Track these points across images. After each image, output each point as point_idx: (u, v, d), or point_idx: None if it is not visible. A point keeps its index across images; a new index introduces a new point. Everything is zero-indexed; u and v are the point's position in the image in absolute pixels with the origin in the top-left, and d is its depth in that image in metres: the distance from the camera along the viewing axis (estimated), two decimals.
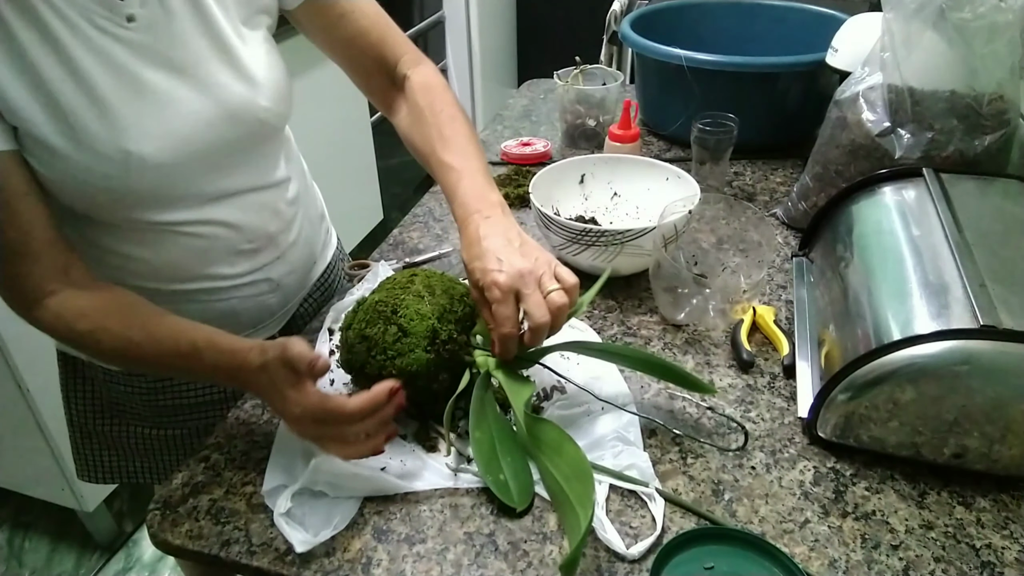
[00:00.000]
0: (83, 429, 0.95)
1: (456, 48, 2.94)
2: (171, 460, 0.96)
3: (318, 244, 0.98)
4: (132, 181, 0.68)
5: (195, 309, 0.82)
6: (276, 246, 0.86)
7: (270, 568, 0.60)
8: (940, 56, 0.84)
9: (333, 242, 1.05)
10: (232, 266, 0.82)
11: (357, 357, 0.69)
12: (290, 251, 0.89)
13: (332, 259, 1.03)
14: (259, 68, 0.76)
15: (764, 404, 0.75)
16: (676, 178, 0.98)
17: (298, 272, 0.92)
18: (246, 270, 0.83)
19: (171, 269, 0.78)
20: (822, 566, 0.59)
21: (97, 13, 0.64)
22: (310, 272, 0.97)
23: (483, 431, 0.67)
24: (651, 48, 1.24)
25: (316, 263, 0.98)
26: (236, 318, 0.86)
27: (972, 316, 0.61)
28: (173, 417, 0.91)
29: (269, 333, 0.92)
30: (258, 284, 0.86)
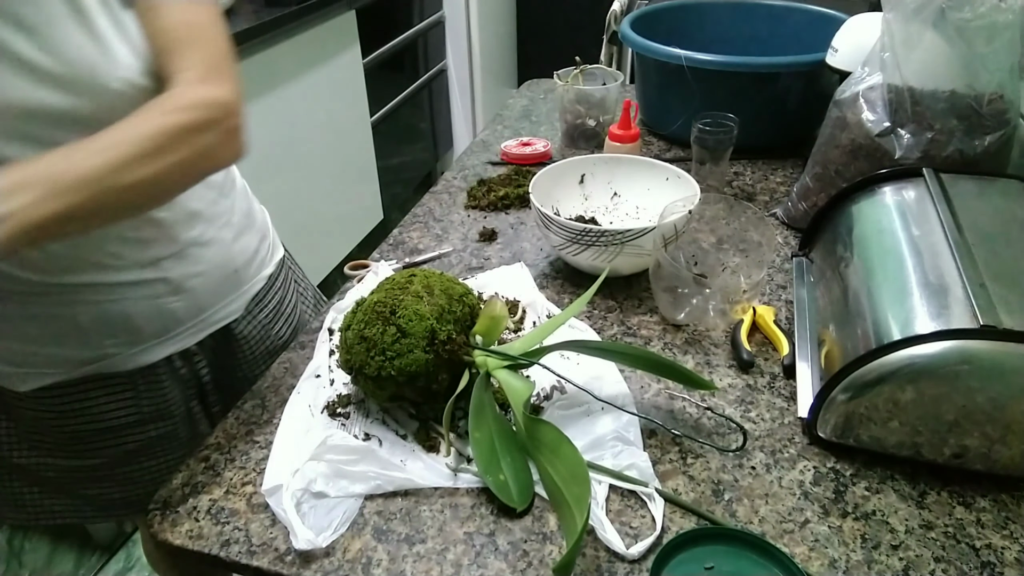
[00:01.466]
0: (2, 462, 0.89)
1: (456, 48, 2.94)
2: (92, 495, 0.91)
3: (243, 253, 0.89)
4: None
5: (85, 311, 0.76)
6: (171, 240, 0.78)
7: (270, 568, 0.60)
8: (940, 56, 0.84)
9: (276, 257, 0.98)
10: (116, 257, 0.75)
11: (356, 357, 0.69)
12: (196, 248, 0.81)
13: (275, 275, 0.97)
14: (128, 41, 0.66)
15: (764, 404, 0.75)
16: (676, 178, 0.98)
17: (211, 277, 0.84)
18: (133, 263, 0.76)
19: (45, 259, 0.71)
20: (822, 566, 0.59)
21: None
22: (233, 280, 0.88)
23: (483, 431, 0.67)
24: (651, 48, 1.24)
25: (240, 271, 0.89)
26: (132, 323, 0.79)
27: (972, 316, 0.61)
28: (88, 444, 0.86)
29: (182, 345, 0.85)
30: (153, 284, 0.79)
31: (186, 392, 0.90)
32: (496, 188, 1.17)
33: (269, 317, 0.96)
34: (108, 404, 0.84)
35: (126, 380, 0.84)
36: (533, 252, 1.03)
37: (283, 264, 1.01)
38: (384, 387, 0.69)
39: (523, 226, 1.09)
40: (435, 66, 2.87)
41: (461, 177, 1.25)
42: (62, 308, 0.75)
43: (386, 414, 0.74)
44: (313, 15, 1.97)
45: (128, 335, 0.80)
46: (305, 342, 0.87)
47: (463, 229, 1.09)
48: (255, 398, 0.79)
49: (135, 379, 0.84)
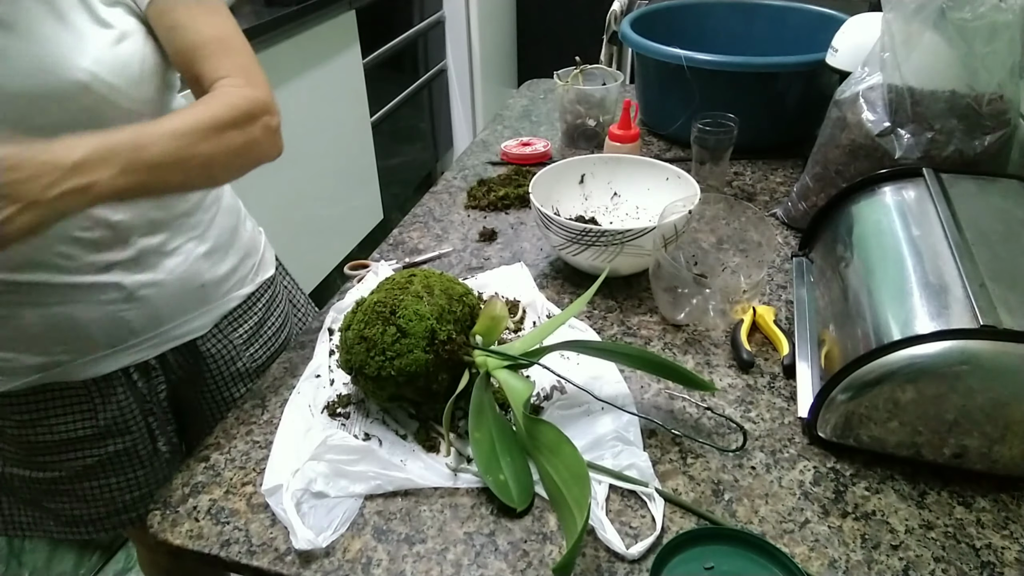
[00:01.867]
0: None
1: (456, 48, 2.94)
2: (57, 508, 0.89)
3: (215, 270, 0.87)
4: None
5: (34, 314, 0.75)
6: (125, 244, 0.77)
7: (270, 568, 0.60)
8: (940, 56, 0.84)
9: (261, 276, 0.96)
10: (67, 258, 0.73)
11: (356, 357, 0.69)
12: (156, 257, 0.80)
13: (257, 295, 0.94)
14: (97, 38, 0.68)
15: (764, 404, 0.75)
16: (676, 178, 0.98)
17: (169, 289, 0.82)
18: (86, 264, 0.75)
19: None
20: (822, 566, 0.59)
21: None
22: (198, 295, 0.86)
23: (483, 431, 0.67)
24: (651, 48, 1.24)
25: (208, 287, 0.87)
26: (84, 329, 0.78)
27: (972, 316, 0.61)
28: (47, 456, 0.84)
29: (139, 357, 0.84)
30: (104, 289, 0.77)
31: (144, 407, 0.88)
32: (496, 188, 1.17)
33: (243, 338, 0.93)
34: (65, 415, 0.83)
35: (82, 390, 0.83)
36: (533, 252, 1.03)
37: (269, 285, 0.98)
38: (384, 387, 0.69)
39: (523, 226, 1.09)
40: (435, 66, 2.87)
41: (461, 177, 1.25)
42: (11, 309, 0.75)
43: (386, 414, 0.74)
44: (313, 15, 1.97)
45: (78, 342, 0.79)
46: (305, 342, 0.87)
47: (463, 229, 1.09)
48: (255, 398, 0.79)
49: (91, 390, 0.83)
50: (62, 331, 0.78)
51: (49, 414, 0.83)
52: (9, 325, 0.76)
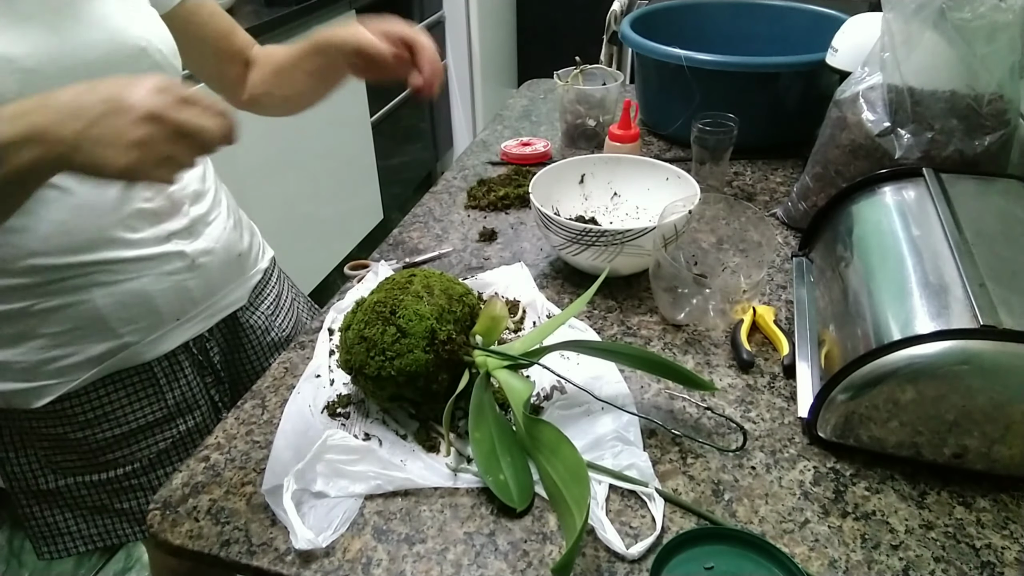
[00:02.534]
0: (27, 493, 0.87)
1: (456, 48, 2.94)
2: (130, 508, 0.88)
3: (242, 240, 0.93)
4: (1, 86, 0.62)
5: (104, 294, 0.76)
6: (182, 213, 0.81)
7: (270, 568, 0.60)
8: (940, 56, 0.84)
9: (267, 255, 1.02)
10: (133, 231, 0.76)
11: (356, 358, 0.69)
12: (203, 226, 0.84)
13: (270, 270, 1.00)
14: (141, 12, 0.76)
15: (764, 404, 0.75)
16: (676, 178, 0.98)
17: (219, 257, 0.87)
18: (150, 236, 0.77)
19: (61, 235, 0.71)
20: (822, 566, 0.59)
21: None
22: (237, 265, 0.91)
23: (483, 431, 0.67)
24: (651, 48, 1.24)
25: (243, 257, 0.93)
26: (152, 303, 0.80)
27: (972, 316, 0.61)
28: (116, 451, 0.84)
29: (197, 330, 0.86)
30: (170, 258, 0.80)
31: (206, 380, 0.91)
32: (496, 188, 1.17)
33: (271, 308, 0.98)
34: (132, 403, 0.83)
35: (147, 373, 0.84)
36: (533, 252, 1.03)
37: (274, 262, 1.04)
38: (384, 387, 0.69)
39: (523, 226, 1.09)
40: None
41: (461, 177, 1.25)
42: (80, 294, 0.75)
43: (386, 414, 0.74)
44: (313, 15, 1.97)
45: (148, 318, 0.80)
46: (305, 342, 0.87)
47: (463, 229, 1.09)
48: (255, 398, 0.79)
49: (155, 371, 0.84)
50: (132, 309, 0.79)
51: (115, 406, 0.83)
52: (79, 312, 0.76)
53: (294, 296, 1.07)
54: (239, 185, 0.86)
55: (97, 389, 0.81)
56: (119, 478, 0.86)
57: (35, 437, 0.84)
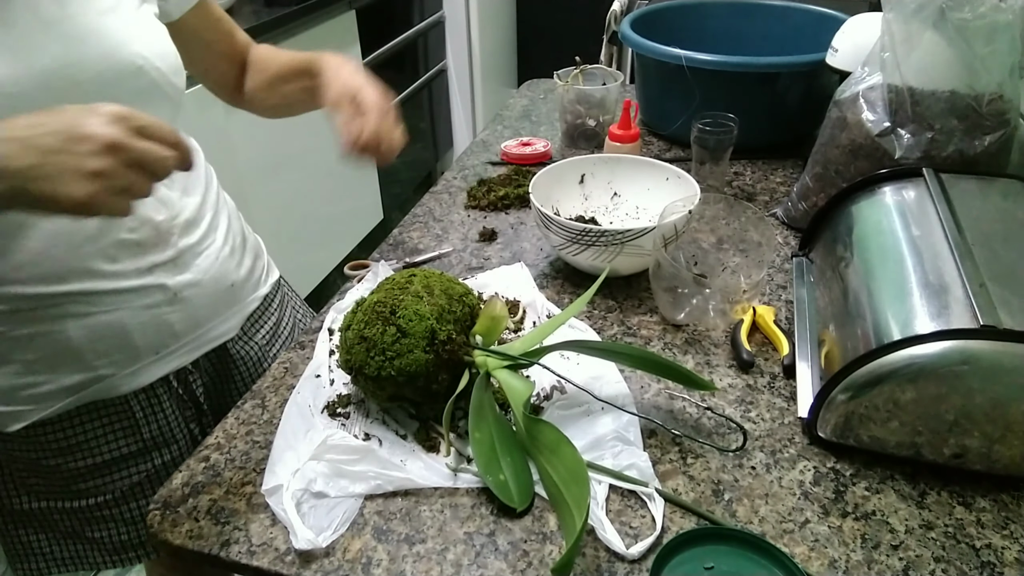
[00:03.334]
0: (3, 511, 0.85)
1: (456, 48, 2.94)
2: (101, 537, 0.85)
3: (239, 268, 0.89)
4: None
5: (77, 326, 0.73)
6: (167, 244, 0.77)
7: (270, 568, 0.60)
8: (940, 56, 0.84)
9: (271, 278, 0.98)
10: (112, 261, 0.73)
11: (356, 357, 0.69)
12: (191, 257, 0.80)
13: (271, 296, 0.96)
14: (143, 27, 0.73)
15: (764, 404, 0.75)
16: (676, 178, 0.98)
17: (207, 289, 0.83)
18: (130, 268, 0.74)
19: (34, 265, 0.68)
20: (822, 566, 0.59)
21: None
22: (228, 295, 0.87)
23: (483, 431, 0.67)
24: (651, 48, 1.24)
25: (237, 287, 0.88)
26: (128, 337, 0.77)
27: (972, 316, 0.61)
28: (89, 481, 0.82)
29: (178, 363, 0.83)
30: (150, 291, 0.76)
31: (185, 413, 0.87)
32: (496, 188, 1.17)
33: (266, 338, 0.94)
34: (107, 435, 0.81)
35: (123, 405, 0.81)
36: (533, 252, 1.03)
37: (279, 286, 1.00)
38: (384, 387, 0.69)
39: (523, 226, 1.09)
40: (435, 66, 2.87)
41: (461, 177, 1.25)
42: (52, 324, 0.73)
43: (386, 414, 0.74)
44: (313, 15, 1.97)
45: (124, 352, 0.78)
46: (305, 342, 0.87)
47: (463, 229, 1.09)
48: (255, 398, 0.79)
49: (132, 404, 0.81)
50: (107, 342, 0.76)
51: (89, 436, 0.80)
52: (51, 342, 0.73)
53: (297, 319, 1.03)
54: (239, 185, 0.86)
55: (72, 418, 0.79)
56: (91, 507, 0.84)
57: (10, 459, 0.82)
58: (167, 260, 0.78)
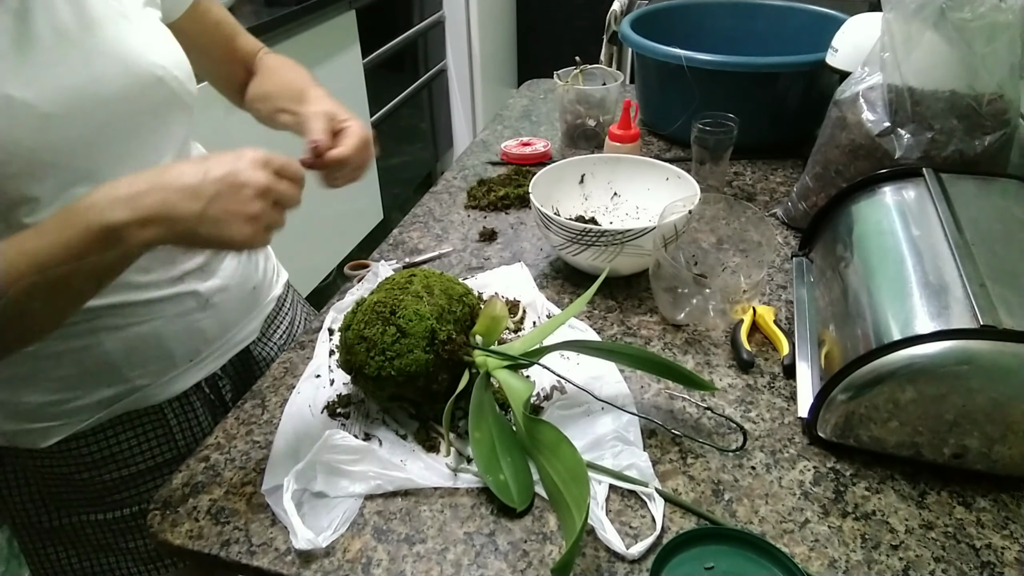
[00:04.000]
0: (31, 529, 0.84)
1: (456, 48, 2.94)
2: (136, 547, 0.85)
3: (258, 270, 0.92)
4: (17, 133, 0.61)
5: (114, 338, 0.74)
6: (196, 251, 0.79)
7: (270, 568, 0.60)
8: (940, 56, 0.84)
9: (282, 279, 0.99)
10: (145, 272, 0.74)
11: (356, 358, 0.69)
12: (217, 263, 0.82)
13: (284, 296, 0.98)
14: (156, 35, 0.73)
15: (764, 404, 0.75)
16: (676, 178, 0.98)
17: (233, 293, 0.85)
18: (163, 278, 0.76)
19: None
20: (822, 566, 0.59)
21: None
22: (252, 298, 0.89)
23: (483, 431, 0.67)
24: (651, 48, 1.24)
25: (258, 289, 0.91)
26: (164, 345, 0.78)
27: (972, 316, 0.61)
28: (123, 492, 0.82)
29: (210, 369, 0.84)
30: (183, 299, 0.78)
31: (216, 418, 0.86)
32: (496, 188, 1.17)
33: (283, 339, 0.96)
34: (141, 445, 0.81)
35: (158, 414, 0.81)
36: (533, 252, 1.03)
37: (288, 286, 1.02)
38: (384, 387, 0.69)
39: (523, 226, 1.09)
40: (435, 66, 2.87)
41: (461, 177, 1.25)
42: (87, 339, 0.73)
43: (386, 414, 0.74)
44: (313, 15, 1.97)
45: (160, 361, 0.78)
46: (305, 342, 0.87)
47: (463, 229, 1.09)
48: (255, 398, 0.79)
49: (167, 412, 0.81)
50: (143, 352, 0.76)
51: (123, 447, 0.80)
52: (86, 357, 0.73)
53: (305, 318, 1.03)
54: None
55: (105, 430, 0.78)
56: (126, 518, 0.83)
57: (39, 476, 0.81)
58: (196, 267, 0.79)
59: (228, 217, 0.55)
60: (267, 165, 0.56)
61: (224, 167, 0.55)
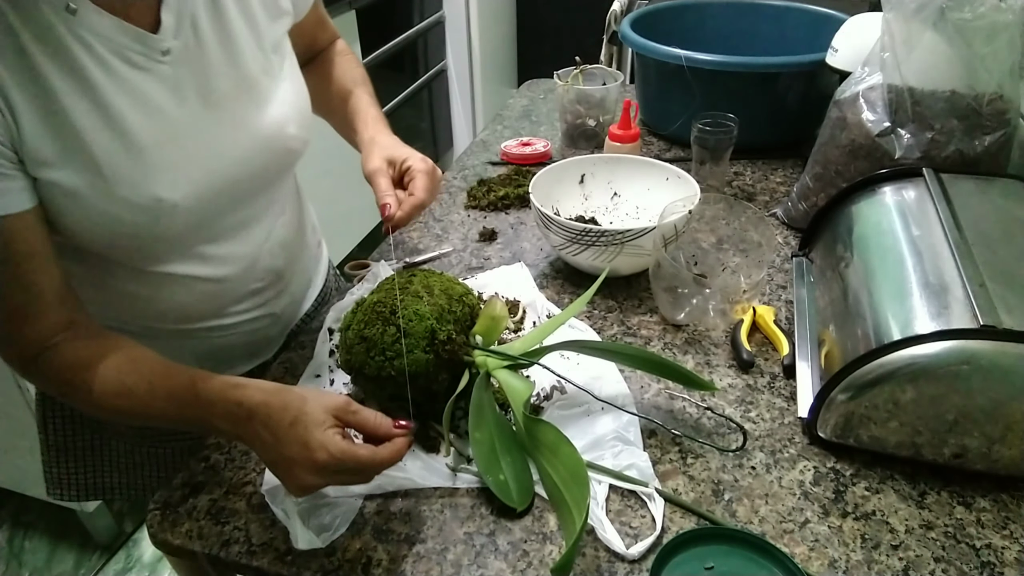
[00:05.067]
0: (59, 447, 0.91)
1: (456, 48, 2.94)
2: (154, 476, 0.93)
3: (313, 266, 0.97)
4: (160, 228, 0.66)
5: (191, 345, 0.80)
6: (281, 279, 0.85)
7: (270, 568, 0.60)
8: (940, 56, 0.84)
9: (325, 256, 1.03)
10: (238, 304, 0.80)
11: (356, 358, 0.69)
12: (291, 282, 0.88)
13: (325, 275, 1.02)
14: (287, 95, 0.75)
15: (764, 404, 0.75)
16: (676, 178, 0.98)
17: (297, 300, 0.92)
18: (251, 306, 0.82)
19: (178, 312, 0.76)
20: (822, 566, 0.59)
21: (132, 49, 0.61)
22: (306, 296, 0.96)
23: (483, 431, 0.67)
24: (651, 48, 1.24)
25: (311, 287, 0.97)
26: (232, 352, 0.84)
27: (972, 316, 0.61)
28: (159, 438, 0.90)
29: (265, 358, 0.90)
30: (261, 319, 0.84)
31: None
32: (496, 188, 1.17)
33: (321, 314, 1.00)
34: None
35: None
36: (533, 252, 1.03)
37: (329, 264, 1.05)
38: (384, 387, 0.69)
39: (523, 226, 1.09)
40: (435, 66, 2.87)
41: (461, 177, 1.25)
42: (173, 343, 0.78)
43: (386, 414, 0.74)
44: None
45: (227, 363, 0.84)
46: (305, 342, 0.87)
47: (463, 229, 1.09)
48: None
49: None
50: (216, 356, 0.82)
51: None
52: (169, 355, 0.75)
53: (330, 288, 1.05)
54: None
55: None
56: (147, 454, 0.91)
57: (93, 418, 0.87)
58: (278, 293, 0.86)
59: (286, 480, 0.58)
60: (332, 466, 0.56)
61: (295, 453, 0.57)
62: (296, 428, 0.57)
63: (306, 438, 0.56)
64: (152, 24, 0.62)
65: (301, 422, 0.57)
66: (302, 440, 0.56)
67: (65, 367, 0.63)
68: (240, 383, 0.61)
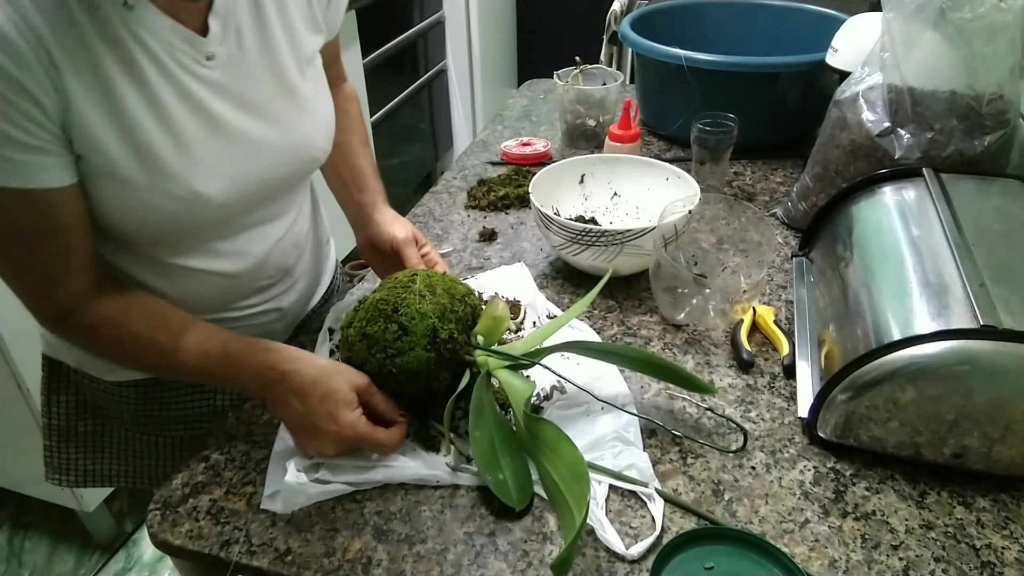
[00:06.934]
0: (62, 432, 0.93)
1: (456, 48, 2.94)
2: (152, 465, 0.94)
3: (322, 263, 0.98)
4: (190, 220, 0.68)
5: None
6: (290, 276, 0.87)
7: (270, 568, 0.60)
8: (940, 56, 0.84)
9: (333, 253, 1.04)
10: (248, 298, 0.82)
11: (357, 355, 0.69)
12: (299, 279, 0.90)
13: (333, 272, 1.03)
14: (318, 108, 0.77)
15: (764, 404, 0.75)
16: (676, 178, 0.98)
17: (304, 297, 0.93)
18: (259, 301, 0.84)
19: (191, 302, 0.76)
20: (822, 566, 0.59)
21: (181, 50, 0.63)
22: (314, 293, 0.97)
23: (483, 430, 0.67)
24: (651, 48, 1.24)
25: (319, 284, 0.98)
26: None
27: (972, 316, 0.61)
28: (160, 427, 0.90)
29: None
30: (267, 314, 0.86)
31: None
32: (496, 188, 1.17)
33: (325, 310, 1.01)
34: (189, 399, 0.88)
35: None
36: (533, 252, 1.03)
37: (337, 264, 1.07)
38: (385, 384, 0.69)
39: (523, 226, 1.09)
40: (435, 66, 2.87)
41: (461, 177, 1.25)
42: None
43: None
44: None
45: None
46: (305, 342, 0.87)
47: (463, 229, 1.09)
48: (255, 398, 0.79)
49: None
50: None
51: (172, 398, 0.87)
52: None
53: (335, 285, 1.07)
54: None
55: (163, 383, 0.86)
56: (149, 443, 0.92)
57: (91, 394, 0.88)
58: (286, 289, 0.87)
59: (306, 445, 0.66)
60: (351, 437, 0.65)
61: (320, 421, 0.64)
62: (327, 404, 0.64)
63: (336, 415, 0.64)
64: (200, 29, 0.64)
65: (332, 399, 0.64)
66: (332, 415, 0.64)
67: (96, 323, 0.67)
68: (271, 347, 0.68)
